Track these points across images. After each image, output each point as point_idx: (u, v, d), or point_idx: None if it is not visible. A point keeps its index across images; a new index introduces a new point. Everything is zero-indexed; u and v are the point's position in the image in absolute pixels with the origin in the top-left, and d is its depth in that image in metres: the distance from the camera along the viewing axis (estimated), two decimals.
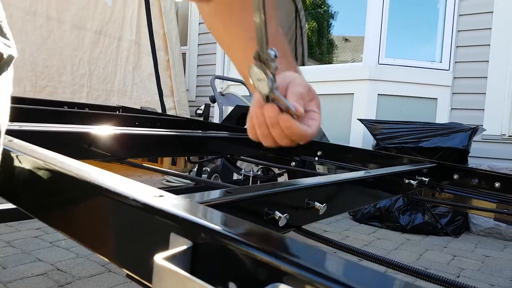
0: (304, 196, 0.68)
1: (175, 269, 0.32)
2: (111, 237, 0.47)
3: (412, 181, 0.98)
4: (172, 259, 0.34)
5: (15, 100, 1.92)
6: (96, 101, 3.49)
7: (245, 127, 2.19)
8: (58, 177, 0.51)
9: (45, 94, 3.11)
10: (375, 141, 2.80)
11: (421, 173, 1.09)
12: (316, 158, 1.72)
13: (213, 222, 0.38)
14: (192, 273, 0.34)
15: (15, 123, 0.93)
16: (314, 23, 4.71)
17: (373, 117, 3.16)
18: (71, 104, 2.29)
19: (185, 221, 0.38)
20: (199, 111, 2.26)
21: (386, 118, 2.92)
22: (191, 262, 0.37)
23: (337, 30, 4.87)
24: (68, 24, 3.31)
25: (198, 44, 5.14)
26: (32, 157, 0.55)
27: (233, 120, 2.16)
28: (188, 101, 4.72)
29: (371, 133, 2.79)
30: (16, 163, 0.60)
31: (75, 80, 3.36)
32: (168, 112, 4.18)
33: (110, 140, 1.06)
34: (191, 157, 1.97)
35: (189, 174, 3.08)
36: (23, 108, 1.51)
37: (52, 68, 3.17)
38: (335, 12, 4.93)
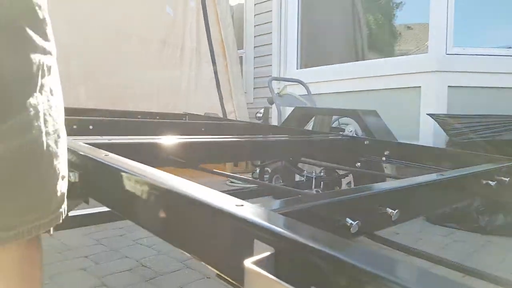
0: (375, 202, 0.68)
1: (264, 273, 0.36)
2: (200, 241, 0.52)
3: (490, 182, 0.92)
4: (259, 263, 0.38)
5: (98, 111, 2.15)
6: (165, 108, 3.71)
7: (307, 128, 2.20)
8: (151, 187, 0.58)
9: (121, 104, 3.37)
10: (448, 137, 2.64)
11: (500, 172, 1.03)
12: (383, 158, 1.68)
13: (291, 231, 0.41)
14: (277, 277, 0.37)
15: (104, 137, 1.04)
16: (374, 14, 4.55)
17: (444, 111, 2.99)
18: (143, 114, 2.47)
19: (266, 229, 0.42)
20: (259, 115, 2.32)
21: (459, 112, 2.75)
22: (275, 267, 0.40)
23: (398, 19, 4.64)
24: (135, 36, 3.56)
25: (254, 47, 5.23)
26: (128, 173, 0.63)
27: (293, 121, 2.18)
28: (247, 103, 4.82)
29: (442, 129, 2.64)
30: (114, 175, 0.68)
31: (143, 90, 3.60)
32: (229, 116, 4.31)
33: (186, 148, 1.14)
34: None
35: (252, 174, 3.15)
36: (109, 121, 1.67)
37: (123, 79, 3.43)
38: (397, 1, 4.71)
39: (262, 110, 2.28)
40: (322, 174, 1.95)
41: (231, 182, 3.91)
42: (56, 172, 0.58)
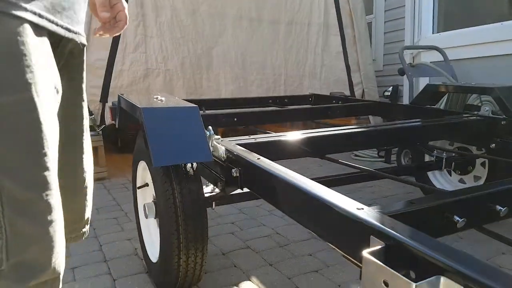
0: (484, 200, 0.77)
1: (376, 261, 0.55)
2: (330, 229, 0.72)
3: None
4: (373, 254, 0.57)
5: (236, 100, 2.51)
6: (291, 86, 3.96)
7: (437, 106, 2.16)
8: (290, 187, 0.80)
9: (255, 86, 3.76)
10: None
11: None
12: None
13: (396, 231, 0.58)
14: (385, 264, 0.55)
15: (250, 137, 1.30)
16: None
17: None
18: (274, 99, 2.75)
19: (379, 229, 0.59)
20: (386, 93, 2.32)
21: None
22: (385, 257, 0.58)
23: None
24: (265, 21, 3.83)
25: (385, 11, 4.97)
26: (273, 173, 0.86)
27: (424, 99, 2.15)
28: (375, 71, 4.70)
29: None
30: (263, 174, 0.93)
31: (274, 71, 3.89)
32: (355, 87, 4.31)
33: (313, 141, 1.34)
34: None
35: (378, 152, 3.17)
36: (248, 113, 1.98)
37: (257, 63, 3.77)
38: None
39: (390, 89, 2.27)
40: (453, 154, 1.92)
41: (356, 155, 3.95)
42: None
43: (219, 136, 1.26)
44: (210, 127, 1.22)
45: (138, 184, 1.48)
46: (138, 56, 3.21)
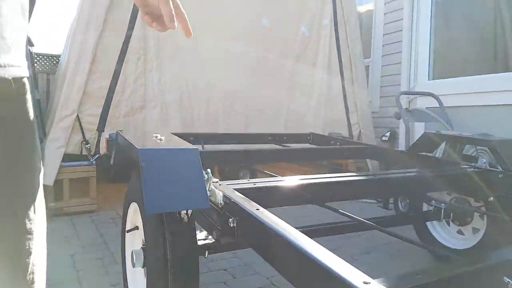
0: (492, 272, 0.74)
1: None
2: None
3: None
4: None
5: (234, 136, 2.51)
6: (293, 122, 3.97)
7: (433, 154, 2.15)
8: (290, 248, 0.76)
9: (255, 120, 3.76)
10: None
11: None
12: None
13: None
14: None
15: (244, 181, 1.27)
16: None
17: None
18: (273, 136, 2.75)
19: None
20: (384, 138, 2.33)
21: None
22: None
23: None
24: (271, 59, 3.89)
25: (382, 56, 5.11)
26: (273, 229, 0.82)
27: (421, 147, 2.15)
28: (372, 112, 4.76)
29: None
30: (262, 228, 0.89)
31: (277, 104, 3.91)
32: (353, 127, 4.34)
33: (312, 187, 1.31)
34: None
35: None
36: (244, 152, 1.96)
37: (261, 97, 3.79)
38: None
39: (387, 133, 2.28)
40: (452, 203, 1.90)
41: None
42: None
43: (217, 180, 1.22)
44: (209, 170, 1.19)
45: (127, 227, 1.43)
46: (137, 87, 3.22)
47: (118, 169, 3.50)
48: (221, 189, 1.14)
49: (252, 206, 0.98)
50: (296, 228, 1.40)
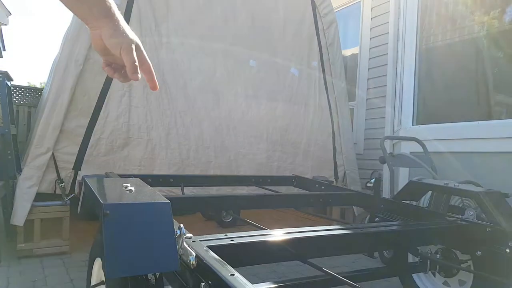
0: None
1: None
2: None
3: None
4: None
5: (218, 178, 2.42)
6: (285, 162, 3.92)
7: (423, 205, 2.10)
8: None
9: (247, 160, 3.69)
10: None
11: None
12: (507, 250, 1.52)
13: None
14: None
15: (221, 236, 1.18)
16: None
17: None
18: (256, 178, 2.67)
19: None
20: (369, 185, 2.29)
21: None
22: None
23: None
24: (263, 98, 3.89)
25: (367, 99, 5.19)
26: None
27: (406, 195, 2.11)
28: (357, 153, 4.76)
29: None
30: None
31: (269, 146, 3.86)
32: (339, 169, 4.31)
33: (299, 242, 1.23)
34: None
35: None
36: (225, 197, 1.87)
37: (251, 137, 3.74)
38: None
39: (372, 181, 2.25)
40: (438, 255, 1.82)
41: None
42: None
43: (191, 235, 1.13)
44: (181, 225, 1.09)
45: (93, 282, 1.30)
46: (119, 125, 3.13)
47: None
48: (194, 247, 1.05)
49: (226, 271, 0.88)
50: (273, 283, 1.30)
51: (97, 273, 1.31)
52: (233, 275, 0.87)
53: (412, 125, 3.90)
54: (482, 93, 3.64)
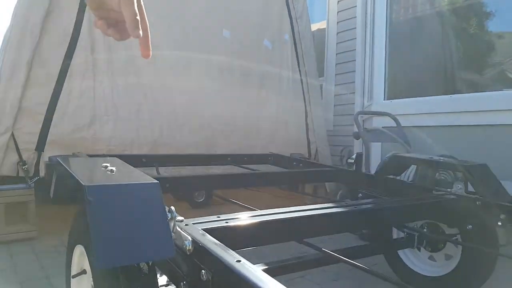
0: None
1: None
2: None
3: None
4: None
5: (193, 157, 2.30)
6: (262, 140, 3.82)
7: (408, 180, 2.10)
8: None
9: (222, 138, 3.55)
10: None
11: None
12: (499, 223, 1.53)
13: None
14: None
15: (213, 218, 1.08)
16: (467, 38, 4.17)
17: None
18: (233, 156, 2.57)
19: None
20: (350, 160, 2.26)
21: None
22: None
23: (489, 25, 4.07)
24: (237, 74, 3.73)
25: (336, 74, 5.17)
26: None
27: (389, 169, 2.09)
28: (327, 130, 4.76)
29: None
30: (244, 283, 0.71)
31: (246, 122, 3.73)
32: (311, 146, 4.30)
33: (297, 223, 1.16)
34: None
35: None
36: (205, 177, 1.76)
37: (227, 113, 3.59)
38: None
39: (354, 156, 2.22)
40: (425, 229, 1.83)
41: None
42: None
43: (182, 218, 1.02)
44: (172, 207, 0.99)
45: (73, 272, 1.17)
46: (84, 101, 2.90)
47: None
48: (188, 231, 0.95)
49: (231, 257, 0.79)
50: (268, 264, 1.23)
51: (78, 261, 1.18)
52: (240, 261, 0.78)
53: (384, 100, 3.92)
54: (455, 67, 3.70)
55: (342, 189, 3.33)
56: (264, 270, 0.85)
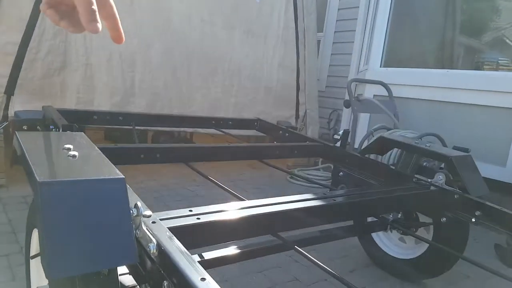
0: None
1: None
2: None
3: None
4: None
5: (173, 118, 2.20)
6: (245, 98, 3.67)
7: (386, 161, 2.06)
8: None
9: (200, 94, 3.40)
10: None
11: None
12: (473, 220, 1.53)
13: None
14: None
15: (185, 213, 1.02)
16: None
17: None
18: (217, 120, 2.47)
19: None
20: (336, 136, 2.19)
21: None
22: None
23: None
24: (219, 26, 3.49)
25: (335, 32, 4.94)
26: None
27: (373, 150, 2.05)
28: (318, 90, 4.64)
29: None
30: None
31: (225, 80, 3.57)
32: (300, 107, 4.20)
33: (270, 217, 1.11)
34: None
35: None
36: (184, 148, 1.68)
37: (206, 69, 3.42)
38: None
39: (340, 132, 2.14)
40: (400, 216, 1.83)
41: (291, 177, 3.86)
42: None
43: (150, 213, 0.96)
44: (139, 202, 0.92)
45: (32, 253, 1.12)
46: (56, 44, 2.70)
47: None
48: (155, 231, 0.89)
49: (195, 273, 0.74)
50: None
51: (37, 242, 1.12)
52: (204, 279, 0.73)
53: (380, 67, 3.78)
54: (455, 42, 3.55)
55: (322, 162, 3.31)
56: None
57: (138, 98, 3.09)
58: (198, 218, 1.01)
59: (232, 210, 1.09)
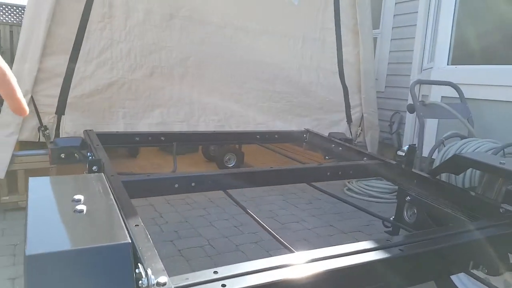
0: None
1: None
2: None
3: None
4: None
5: (218, 135, 2.00)
6: (278, 103, 3.50)
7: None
8: None
9: (233, 100, 3.27)
10: None
11: None
12: None
13: None
14: None
15: (207, 276, 0.84)
16: None
17: None
18: (262, 134, 2.28)
19: None
20: (400, 153, 1.87)
21: None
22: None
23: None
24: (252, 32, 3.33)
25: (392, 27, 4.53)
26: None
27: (446, 170, 1.74)
28: (377, 91, 4.26)
29: None
30: None
31: (260, 85, 3.41)
32: (353, 110, 3.88)
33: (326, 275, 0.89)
34: None
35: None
36: (228, 175, 1.50)
37: (241, 75, 3.29)
38: None
39: (405, 148, 1.83)
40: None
41: (348, 189, 3.61)
42: None
43: (165, 280, 0.79)
44: (149, 270, 0.75)
45: None
46: (103, 62, 2.70)
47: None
48: None
49: None
50: None
51: None
52: None
53: (447, 64, 3.34)
54: None
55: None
56: None
57: (178, 107, 3.05)
58: (224, 285, 0.82)
59: (270, 271, 0.88)
